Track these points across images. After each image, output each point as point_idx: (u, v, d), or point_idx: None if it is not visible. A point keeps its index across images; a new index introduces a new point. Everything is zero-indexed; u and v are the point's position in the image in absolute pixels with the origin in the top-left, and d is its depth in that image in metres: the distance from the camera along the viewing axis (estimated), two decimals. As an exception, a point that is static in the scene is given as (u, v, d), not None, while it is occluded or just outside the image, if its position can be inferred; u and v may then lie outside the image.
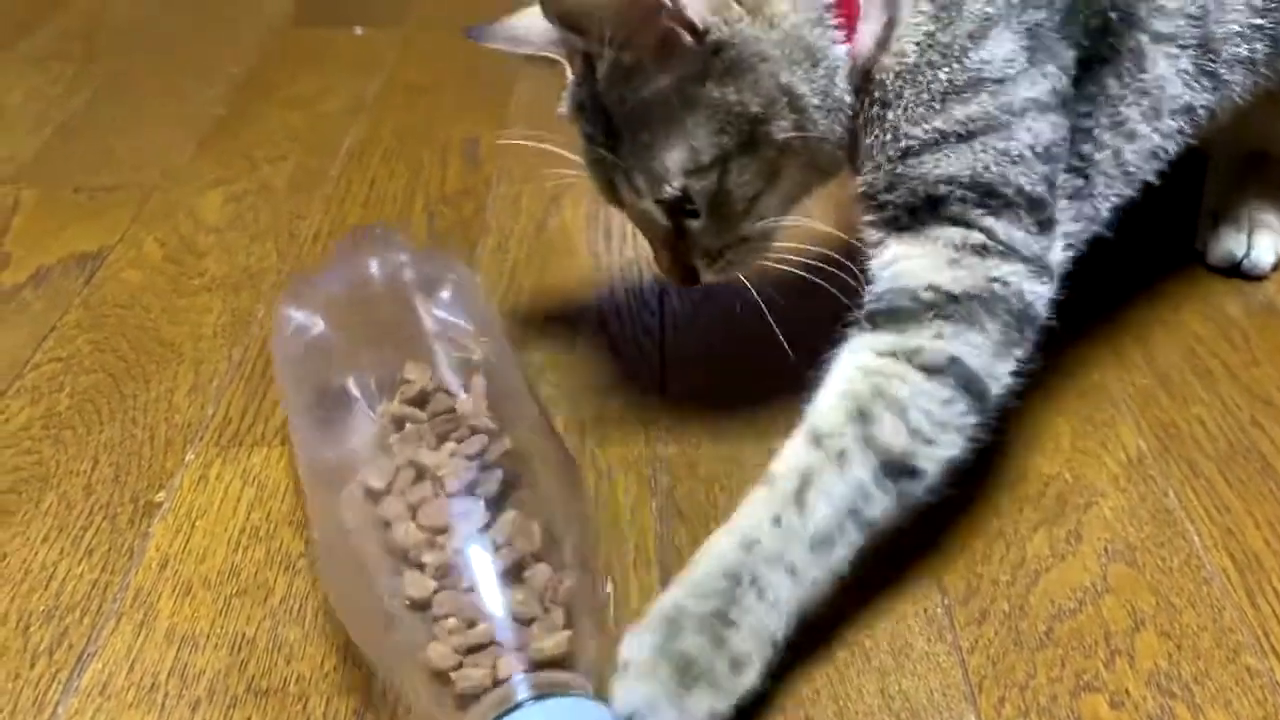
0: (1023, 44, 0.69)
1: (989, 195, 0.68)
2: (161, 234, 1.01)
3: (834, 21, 0.68)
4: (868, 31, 0.69)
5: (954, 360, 0.64)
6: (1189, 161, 0.79)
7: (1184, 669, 0.62)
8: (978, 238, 0.68)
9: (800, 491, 0.60)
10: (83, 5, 1.50)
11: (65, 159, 1.13)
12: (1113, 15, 0.72)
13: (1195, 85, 0.75)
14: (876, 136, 0.69)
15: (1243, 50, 0.76)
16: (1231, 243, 0.94)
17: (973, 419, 0.65)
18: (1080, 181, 0.72)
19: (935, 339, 0.65)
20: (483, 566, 0.57)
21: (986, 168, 0.68)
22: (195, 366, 0.85)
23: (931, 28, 0.69)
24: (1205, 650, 0.63)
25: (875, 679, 0.62)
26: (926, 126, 0.68)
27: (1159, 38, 0.74)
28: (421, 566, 0.57)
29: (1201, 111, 0.76)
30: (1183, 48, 0.74)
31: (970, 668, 0.62)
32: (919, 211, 0.69)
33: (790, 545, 0.59)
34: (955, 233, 0.68)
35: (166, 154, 1.14)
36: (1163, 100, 0.74)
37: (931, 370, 0.64)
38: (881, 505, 0.61)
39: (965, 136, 0.68)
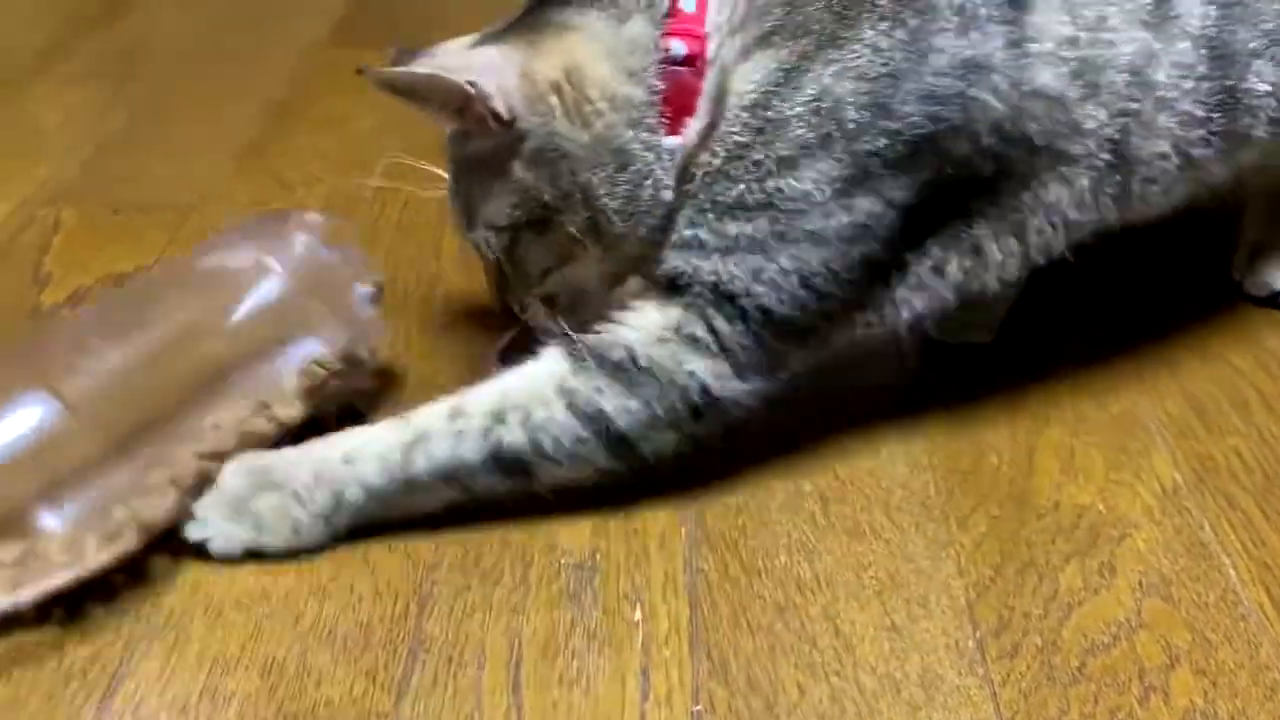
0: (839, 173, 0.69)
1: (727, 300, 0.70)
2: (197, 255, 1.02)
3: (655, 120, 0.70)
4: (694, 128, 0.71)
5: (601, 413, 0.70)
6: (1226, 193, 0.79)
7: (1220, 707, 0.61)
8: (698, 331, 0.71)
9: (413, 444, 0.70)
10: (120, 25, 1.52)
11: (104, 179, 1.15)
12: (987, 138, 0.70)
13: (1090, 205, 0.73)
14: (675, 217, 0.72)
15: (1171, 165, 0.74)
16: (1269, 273, 0.93)
17: (609, 461, 0.71)
18: (867, 305, 0.72)
19: (595, 390, 0.70)
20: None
21: (733, 279, 0.70)
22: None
23: (746, 139, 0.70)
24: (1242, 688, 0.62)
25: (905, 712, 0.61)
26: (698, 231, 0.71)
27: (1062, 159, 0.72)
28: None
29: (1089, 228, 0.75)
30: (1089, 169, 0.72)
31: (1002, 702, 0.62)
32: (665, 286, 0.72)
33: (382, 478, 0.70)
34: (680, 317, 0.71)
35: (203, 175, 1.15)
36: (1028, 225, 0.73)
37: (577, 411, 0.70)
38: (486, 484, 0.70)
39: (725, 251, 0.70)
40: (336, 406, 0.78)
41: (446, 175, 0.78)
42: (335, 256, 0.82)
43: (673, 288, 0.72)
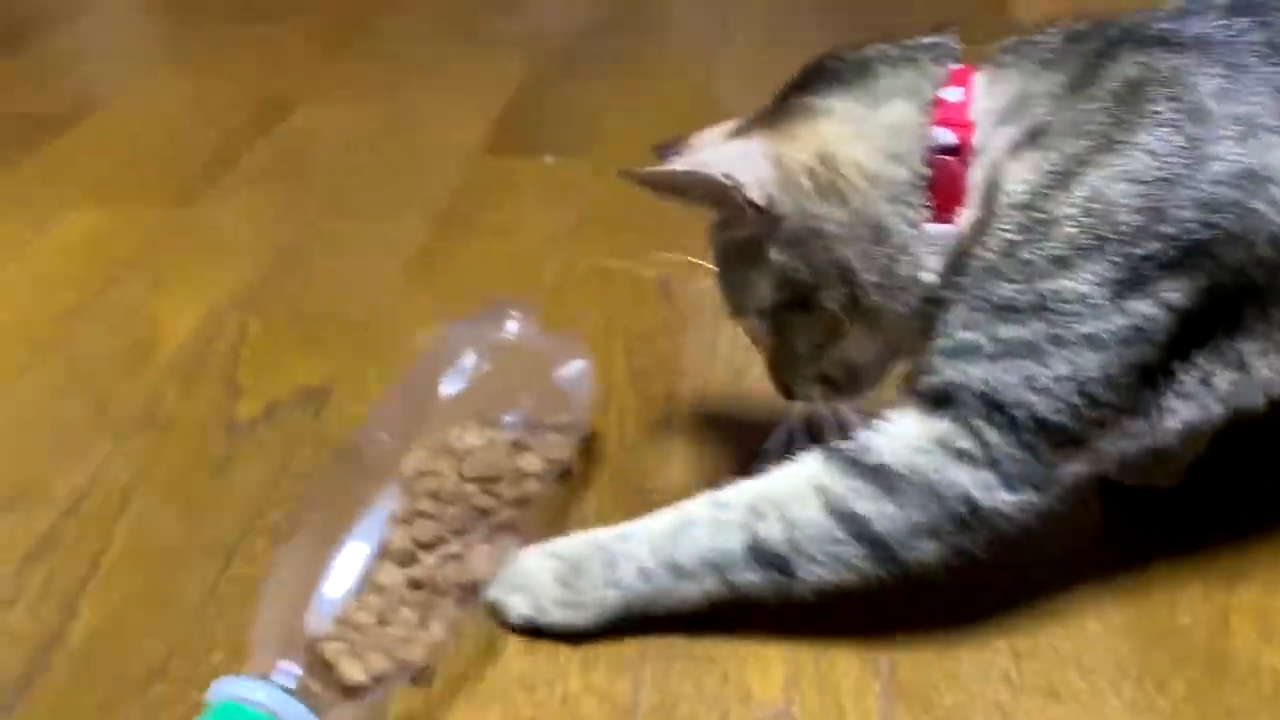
0: (1113, 275, 0.68)
1: (996, 409, 0.69)
2: (380, 368, 1.06)
3: (919, 202, 0.72)
4: (966, 218, 0.72)
5: (857, 515, 0.71)
6: None
7: None
8: (965, 443, 0.70)
9: (679, 529, 0.74)
10: (280, 130, 1.60)
11: (284, 286, 1.21)
12: (1264, 248, 0.69)
13: None
14: (940, 319, 0.72)
15: None
16: None
17: (870, 566, 0.71)
18: (1141, 414, 0.71)
19: (851, 491, 0.71)
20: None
21: (1006, 387, 0.69)
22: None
23: (1017, 237, 0.69)
24: None
25: None
26: (972, 334, 0.70)
27: None
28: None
29: None
30: None
31: None
32: (930, 399, 0.72)
33: (652, 558, 0.73)
34: (946, 429, 0.70)
35: (376, 284, 1.20)
36: None
37: (835, 514, 0.71)
38: (748, 578, 0.72)
39: (996, 356, 0.69)
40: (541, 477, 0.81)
41: (711, 265, 0.82)
42: (544, 339, 0.88)
43: (939, 400, 0.71)
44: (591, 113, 1.62)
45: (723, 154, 0.75)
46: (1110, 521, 0.86)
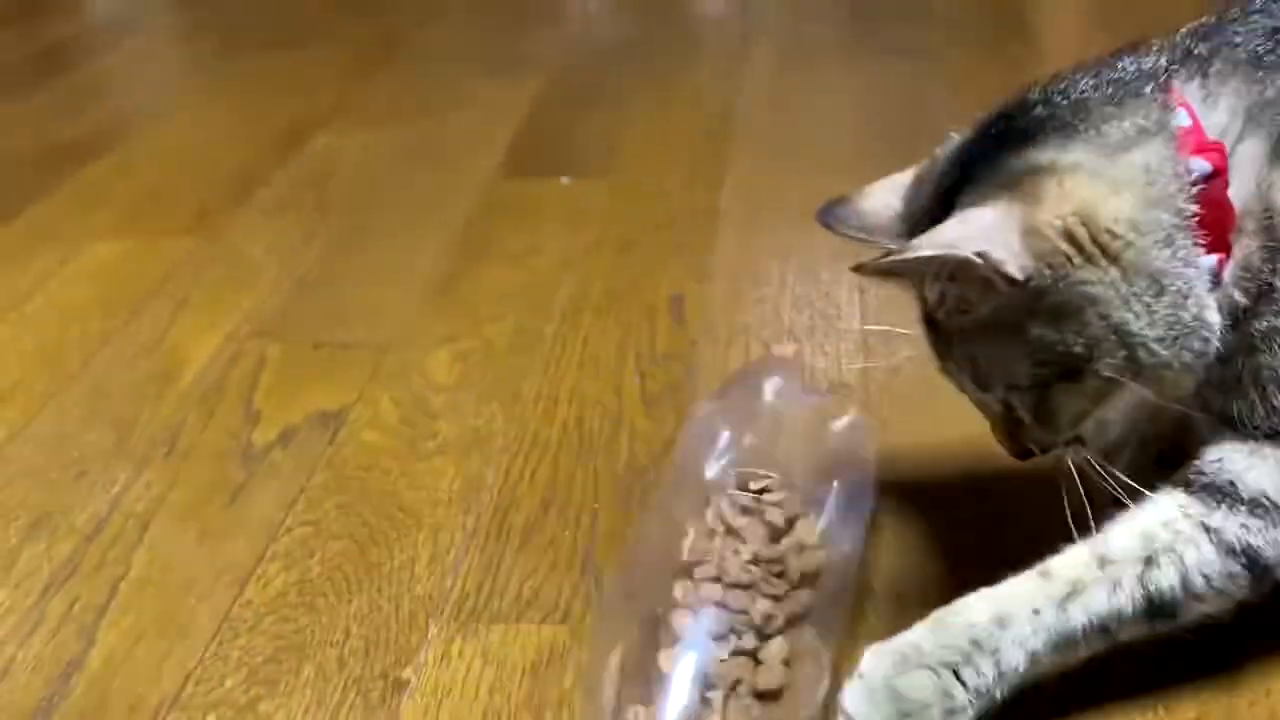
0: None
1: None
2: (396, 393, 1.08)
3: (1190, 240, 0.66)
4: (1244, 245, 0.67)
5: (1249, 548, 0.68)
6: None
7: None
8: None
9: (1068, 598, 0.67)
10: (305, 154, 1.63)
11: (304, 313, 1.23)
12: None
13: None
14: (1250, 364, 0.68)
15: None
16: None
17: (1252, 594, 0.69)
18: None
19: (1240, 528, 0.68)
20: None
21: None
22: (433, 534, 0.90)
23: None
24: None
25: None
26: None
27: None
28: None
29: None
30: None
31: None
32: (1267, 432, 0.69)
33: (1039, 637, 0.67)
34: None
35: (396, 309, 1.22)
36: None
37: (1227, 550, 0.68)
38: (1132, 631, 0.68)
39: None
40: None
41: (923, 339, 0.74)
42: (809, 398, 0.87)
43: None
44: (608, 135, 1.63)
45: (970, 229, 0.66)
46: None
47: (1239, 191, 0.67)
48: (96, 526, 0.92)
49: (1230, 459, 0.70)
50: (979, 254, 0.64)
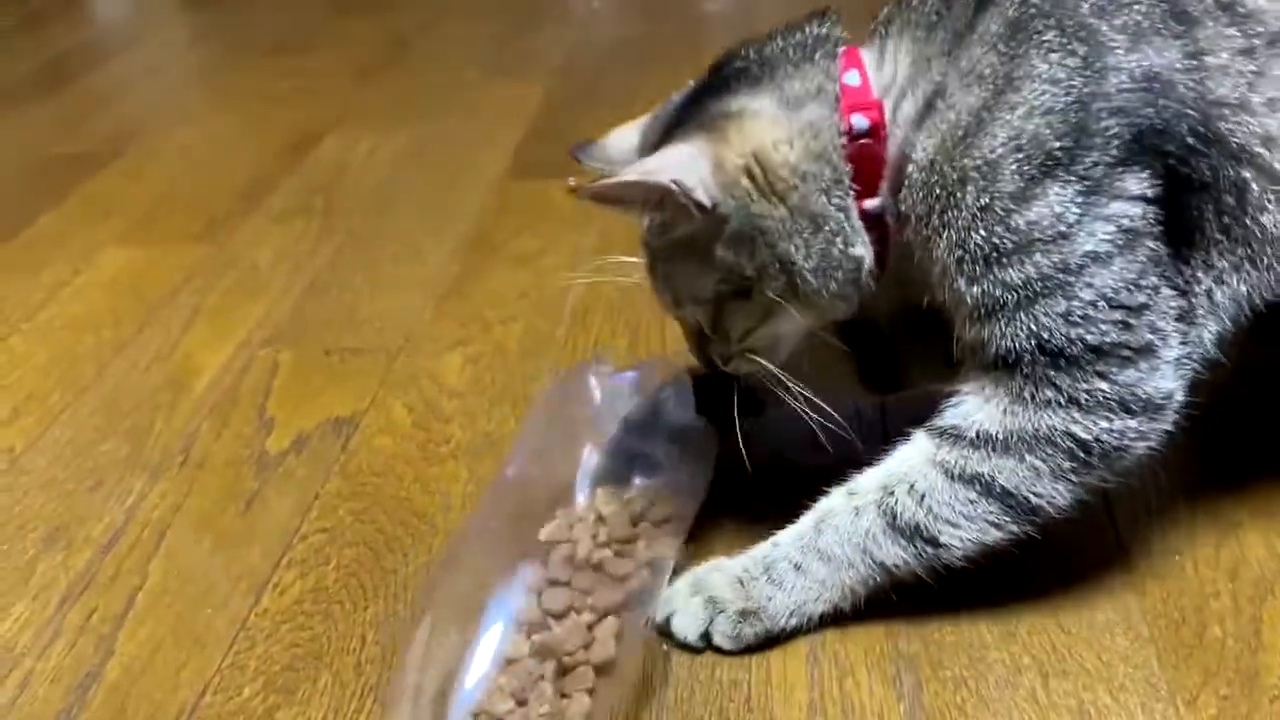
0: (1075, 191, 0.71)
1: (1053, 355, 0.72)
2: (409, 398, 1.08)
3: (847, 187, 0.76)
4: (886, 190, 0.77)
5: (981, 476, 0.75)
6: None
7: None
8: (1046, 393, 0.73)
9: (821, 522, 0.78)
10: (312, 161, 1.63)
11: (315, 320, 1.23)
12: (1190, 139, 0.72)
13: None
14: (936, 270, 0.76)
15: None
16: None
17: (1009, 519, 0.75)
18: (1184, 303, 0.74)
19: (964, 458, 0.75)
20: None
21: (1050, 332, 0.72)
22: (447, 539, 0.90)
23: (944, 192, 0.73)
24: None
25: None
26: (984, 289, 0.73)
27: (1274, 179, 0.73)
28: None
29: None
30: None
31: None
32: (993, 364, 0.75)
33: (803, 554, 0.78)
34: (1021, 386, 0.74)
35: (406, 314, 1.22)
36: (1265, 251, 0.74)
37: (959, 478, 0.75)
38: (894, 552, 0.76)
39: (1020, 304, 0.72)
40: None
41: (642, 262, 0.84)
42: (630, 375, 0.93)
43: (1001, 363, 0.74)
44: (604, 128, 1.63)
45: (667, 160, 0.76)
46: (1137, 534, 0.85)
47: (894, 144, 0.76)
48: (113, 537, 0.92)
49: (965, 404, 0.76)
50: (675, 181, 0.73)
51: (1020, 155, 0.71)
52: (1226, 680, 0.73)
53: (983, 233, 0.72)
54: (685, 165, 0.75)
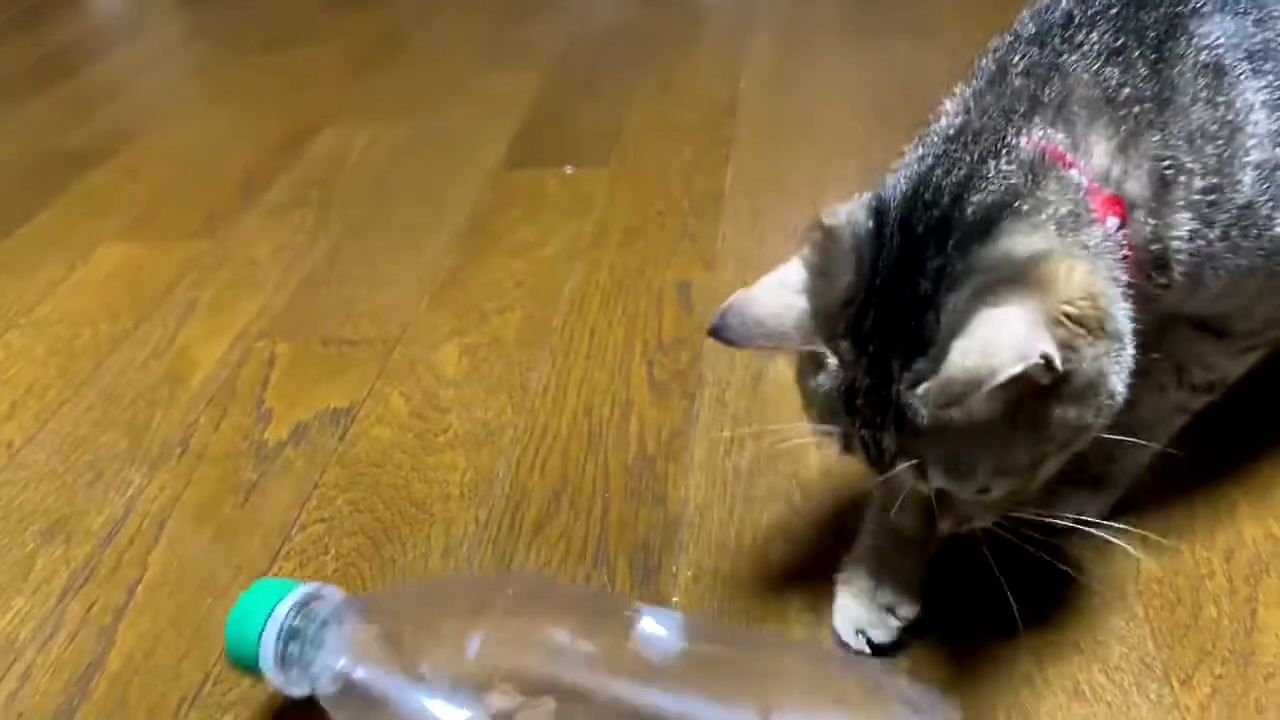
0: None
1: None
2: (406, 388, 1.08)
3: (1127, 293, 0.67)
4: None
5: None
6: None
7: None
8: None
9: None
10: (309, 153, 1.63)
11: (312, 312, 1.23)
12: None
13: None
14: None
15: None
16: None
17: None
18: None
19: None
20: None
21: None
22: (446, 528, 0.90)
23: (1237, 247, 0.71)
24: None
25: None
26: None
27: None
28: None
29: None
30: None
31: None
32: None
33: None
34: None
35: (403, 305, 1.22)
36: None
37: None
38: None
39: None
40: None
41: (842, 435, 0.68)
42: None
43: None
44: (611, 123, 1.63)
45: (1018, 332, 0.61)
46: (1132, 515, 0.85)
47: (1137, 232, 0.70)
48: (112, 529, 0.93)
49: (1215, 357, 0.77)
50: (1044, 355, 0.60)
51: (1269, 186, 0.70)
52: (1221, 660, 0.73)
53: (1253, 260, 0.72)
54: (1036, 331, 0.61)
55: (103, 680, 0.79)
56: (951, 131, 0.71)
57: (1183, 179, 0.70)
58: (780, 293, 0.69)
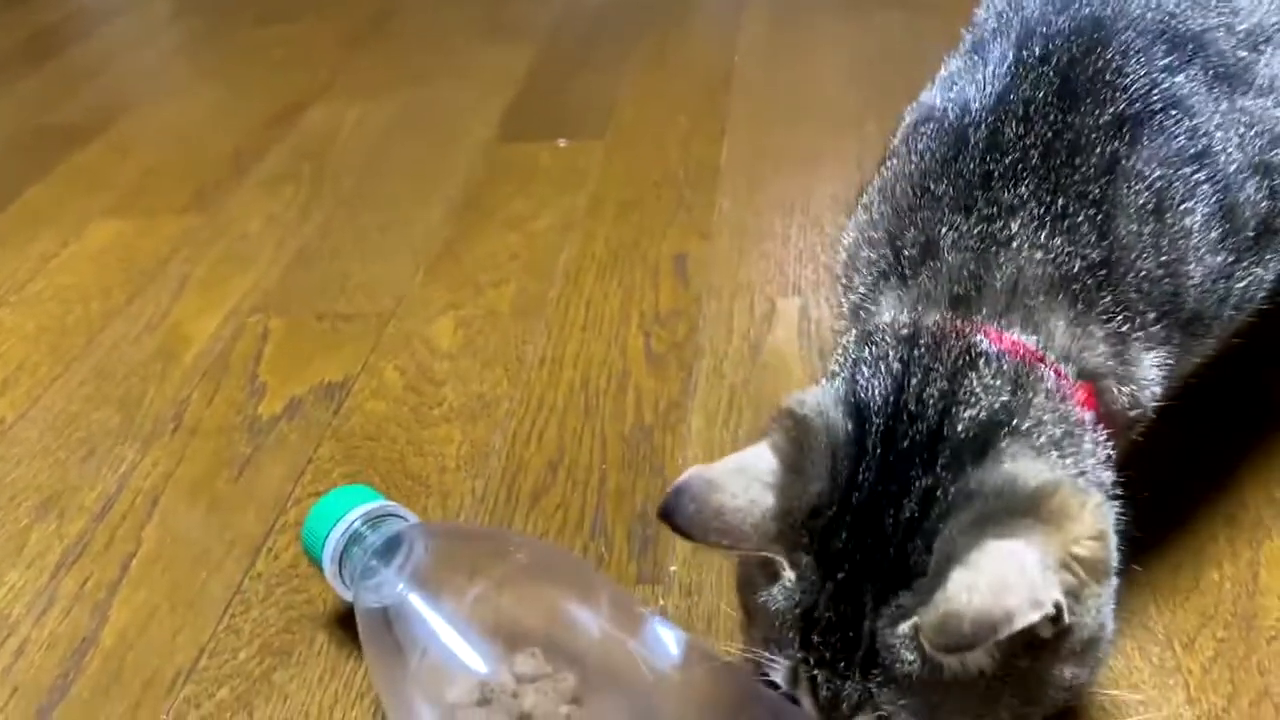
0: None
1: None
2: (400, 362, 1.07)
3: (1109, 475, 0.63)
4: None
5: None
6: None
7: None
8: None
9: None
10: (300, 126, 1.61)
11: (305, 286, 1.22)
12: None
13: None
14: None
15: None
16: None
17: None
18: None
19: None
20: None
21: None
22: (442, 500, 0.89)
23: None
24: None
25: None
26: None
27: None
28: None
29: None
30: None
31: None
32: None
33: None
34: None
35: (397, 279, 1.21)
36: None
37: None
38: None
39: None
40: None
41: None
42: None
43: None
44: (604, 95, 1.62)
45: (1028, 574, 0.53)
46: (1132, 480, 0.84)
47: (1111, 403, 0.66)
48: (105, 505, 0.92)
49: None
50: (1057, 604, 0.52)
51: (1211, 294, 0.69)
52: (1224, 623, 0.73)
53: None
54: (1047, 575, 0.53)
55: (97, 655, 0.78)
56: (905, 332, 0.63)
57: (1138, 320, 0.66)
58: (745, 481, 0.58)
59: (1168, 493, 0.83)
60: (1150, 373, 0.67)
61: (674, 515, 0.58)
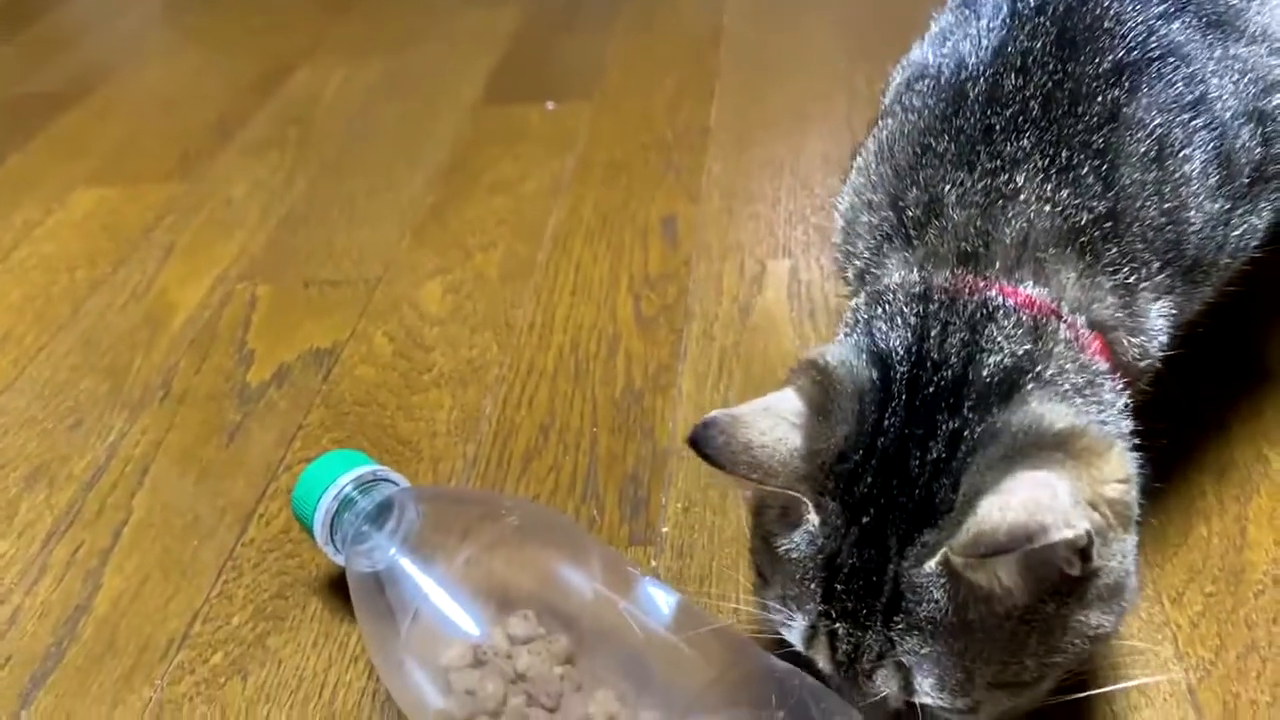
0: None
1: None
2: (389, 328, 1.07)
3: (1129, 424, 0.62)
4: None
5: None
6: None
7: None
8: None
9: None
10: (285, 92, 1.60)
11: (292, 253, 1.21)
12: None
13: None
14: None
15: None
16: None
17: None
18: None
19: None
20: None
21: None
22: (434, 465, 0.89)
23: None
24: None
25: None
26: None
27: None
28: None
29: None
30: None
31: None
32: None
33: None
34: None
35: (384, 244, 1.20)
36: None
37: None
38: None
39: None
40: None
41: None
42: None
43: None
44: (592, 57, 1.60)
45: (1061, 500, 0.52)
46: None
47: (1123, 355, 0.66)
48: (95, 473, 0.92)
49: None
50: (1088, 533, 0.51)
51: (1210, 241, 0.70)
52: (1212, 577, 0.73)
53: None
54: (1078, 507, 0.53)
55: (90, 622, 0.78)
56: (917, 290, 0.63)
57: (1143, 271, 0.65)
58: (772, 420, 0.58)
59: (1156, 449, 0.83)
60: (1157, 323, 0.67)
61: (703, 445, 0.57)
